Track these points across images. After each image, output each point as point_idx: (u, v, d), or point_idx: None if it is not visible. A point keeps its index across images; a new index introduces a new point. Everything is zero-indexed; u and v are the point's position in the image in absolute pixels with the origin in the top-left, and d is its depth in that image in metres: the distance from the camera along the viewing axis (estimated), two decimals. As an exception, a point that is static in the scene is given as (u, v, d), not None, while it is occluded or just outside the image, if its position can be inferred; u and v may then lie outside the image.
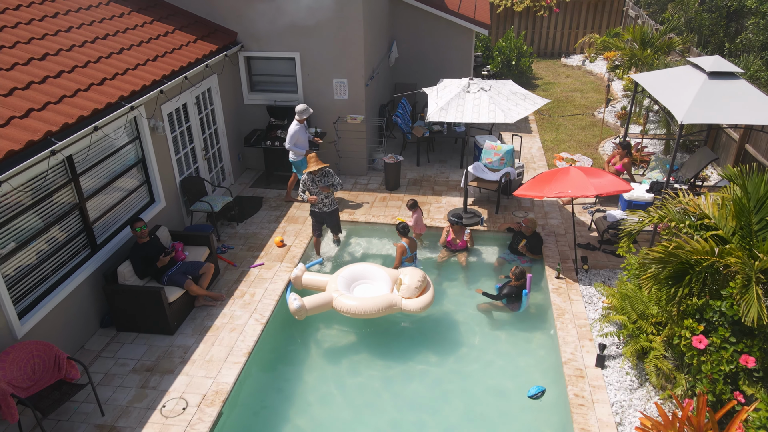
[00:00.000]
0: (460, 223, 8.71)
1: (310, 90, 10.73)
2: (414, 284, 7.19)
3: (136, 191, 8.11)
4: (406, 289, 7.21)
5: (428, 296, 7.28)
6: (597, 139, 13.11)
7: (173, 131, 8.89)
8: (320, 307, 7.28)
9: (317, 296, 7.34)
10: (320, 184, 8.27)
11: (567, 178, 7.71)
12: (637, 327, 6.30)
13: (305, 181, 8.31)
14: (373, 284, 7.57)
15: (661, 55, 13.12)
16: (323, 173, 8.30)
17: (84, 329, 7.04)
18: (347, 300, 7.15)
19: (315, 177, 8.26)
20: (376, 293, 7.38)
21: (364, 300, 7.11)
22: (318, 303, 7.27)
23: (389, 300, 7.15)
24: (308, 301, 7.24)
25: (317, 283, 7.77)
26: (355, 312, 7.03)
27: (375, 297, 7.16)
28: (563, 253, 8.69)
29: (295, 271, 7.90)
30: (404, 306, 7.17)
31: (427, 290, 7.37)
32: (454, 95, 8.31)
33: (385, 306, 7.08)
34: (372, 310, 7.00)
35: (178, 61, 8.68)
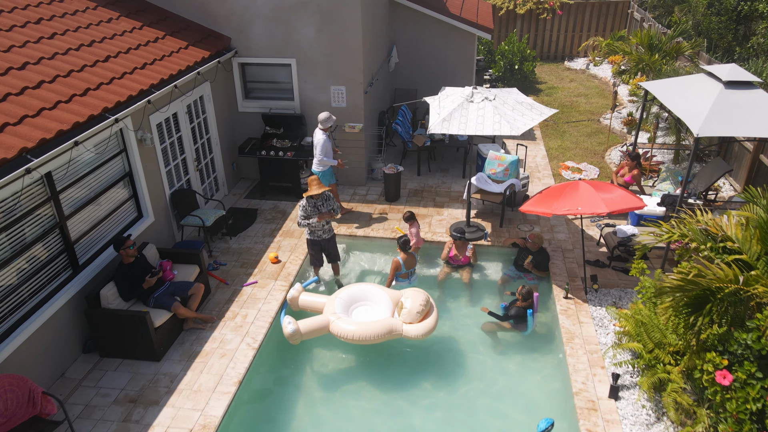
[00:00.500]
0: (462, 238, 8.31)
1: (307, 97, 10.33)
2: (416, 308, 6.79)
3: (123, 206, 7.70)
4: (407, 313, 6.81)
5: (431, 322, 6.86)
6: (603, 146, 12.71)
7: (163, 142, 8.48)
8: (316, 331, 6.88)
9: (313, 320, 6.94)
10: (322, 209, 7.79)
11: (576, 193, 7.31)
12: (653, 356, 5.90)
13: (305, 206, 7.74)
14: (372, 307, 7.16)
15: (670, 60, 12.72)
16: (324, 197, 7.82)
17: (64, 356, 6.63)
18: (345, 324, 6.74)
19: (317, 201, 7.75)
20: (375, 317, 6.97)
21: (363, 325, 6.70)
22: (314, 327, 6.87)
23: (389, 325, 6.74)
24: (303, 325, 6.84)
25: (314, 304, 7.36)
26: (353, 338, 6.63)
27: (374, 322, 6.75)
28: (571, 271, 8.29)
29: (291, 292, 7.49)
30: (405, 332, 6.76)
31: (430, 314, 6.95)
32: (456, 105, 7.91)
33: (385, 332, 6.67)
34: (370, 336, 6.60)
35: (168, 69, 8.27)
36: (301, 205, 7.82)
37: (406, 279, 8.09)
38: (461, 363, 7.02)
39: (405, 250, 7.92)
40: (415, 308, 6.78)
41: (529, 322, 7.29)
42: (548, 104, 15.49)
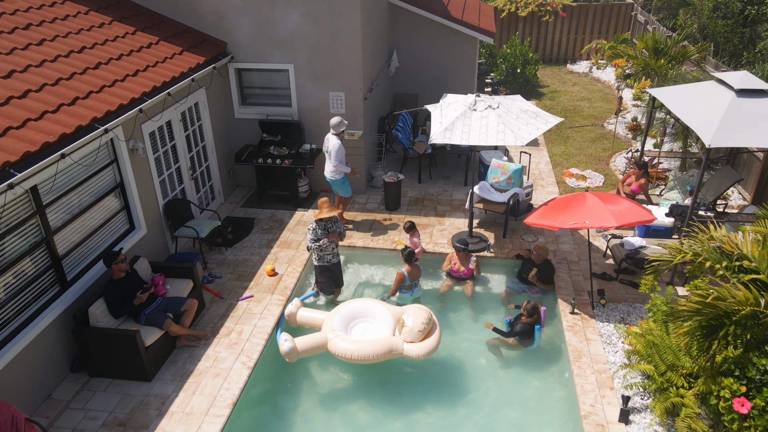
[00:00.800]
0: (466, 249, 8.05)
1: (305, 104, 10.07)
2: (417, 327, 6.53)
3: (114, 218, 7.44)
4: (408, 332, 6.54)
5: (433, 341, 6.59)
6: (608, 152, 12.45)
7: (156, 151, 8.23)
8: (314, 349, 6.62)
9: (310, 337, 6.68)
10: (332, 230, 7.55)
11: (583, 206, 7.05)
12: (666, 379, 5.64)
13: (315, 229, 7.52)
14: (373, 324, 6.90)
15: (675, 64, 12.46)
16: (333, 219, 7.61)
17: (52, 376, 6.37)
18: (343, 343, 6.48)
19: (327, 224, 7.51)
20: (375, 335, 6.71)
21: (362, 344, 6.44)
22: (311, 345, 6.61)
23: (389, 344, 6.48)
24: (301, 343, 6.58)
25: (313, 320, 7.10)
26: (351, 357, 6.36)
27: (373, 341, 6.49)
28: (577, 284, 8.03)
29: (289, 307, 7.24)
30: (405, 351, 6.49)
31: (432, 333, 6.67)
32: (459, 114, 7.65)
33: (385, 351, 6.41)
34: (369, 355, 6.34)
35: (161, 76, 8.02)
36: (310, 228, 7.58)
37: (410, 291, 7.84)
38: (463, 382, 6.76)
39: (410, 261, 7.66)
40: (416, 327, 6.52)
41: (536, 338, 7.05)
42: (551, 108, 15.25)
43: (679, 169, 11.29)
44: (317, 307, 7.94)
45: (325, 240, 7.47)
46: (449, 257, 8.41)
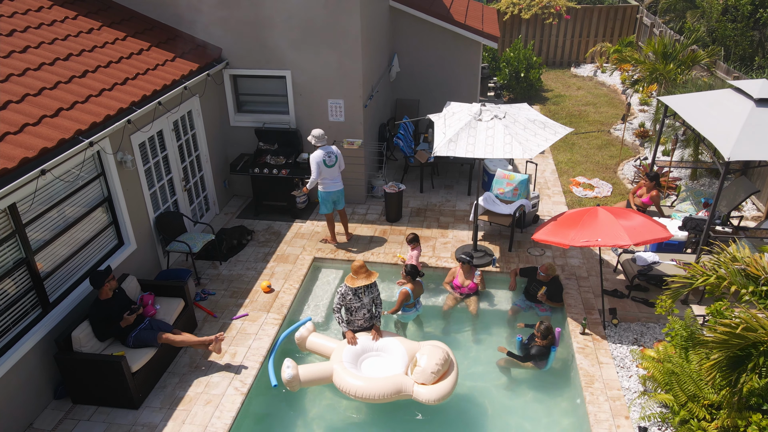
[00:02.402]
0: (470, 262, 7.67)
1: (303, 111, 9.72)
2: (431, 368, 5.91)
3: (101, 234, 7.09)
4: (420, 372, 5.93)
5: (447, 385, 5.93)
6: (615, 160, 12.09)
7: (146, 163, 7.87)
8: (318, 380, 6.16)
9: (316, 367, 6.22)
10: (365, 297, 6.55)
11: (595, 222, 6.69)
12: (687, 411, 5.27)
13: (345, 294, 6.50)
14: (386, 359, 6.35)
15: (685, 69, 12.09)
16: (372, 288, 6.60)
17: (33, 404, 6.01)
18: (349, 378, 5.99)
19: (358, 289, 6.51)
20: (386, 372, 6.17)
21: (369, 381, 5.91)
22: (316, 375, 6.15)
23: (398, 384, 5.93)
24: (304, 371, 6.14)
25: (323, 348, 6.61)
26: (356, 394, 5.85)
27: (382, 379, 5.95)
28: (587, 302, 7.66)
29: (301, 331, 6.75)
30: (415, 394, 5.91)
31: (448, 375, 6.03)
32: (464, 124, 7.29)
33: (393, 391, 5.87)
34: (375, 394, 5.81)
35: (152, 84, 7.66)
36: (339, 291, 6.55)
37: (413, 309, 7.48)
38: (468, 409, 6.38)
39: (414, 278, 7.30)
40: (430, 368, 5.90)
41: (551, 359, 6.70)
42: (555, 114, 14.89)
43: (690, 178, 10.92)
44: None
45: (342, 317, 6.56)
46: (452, 271, 8.05)
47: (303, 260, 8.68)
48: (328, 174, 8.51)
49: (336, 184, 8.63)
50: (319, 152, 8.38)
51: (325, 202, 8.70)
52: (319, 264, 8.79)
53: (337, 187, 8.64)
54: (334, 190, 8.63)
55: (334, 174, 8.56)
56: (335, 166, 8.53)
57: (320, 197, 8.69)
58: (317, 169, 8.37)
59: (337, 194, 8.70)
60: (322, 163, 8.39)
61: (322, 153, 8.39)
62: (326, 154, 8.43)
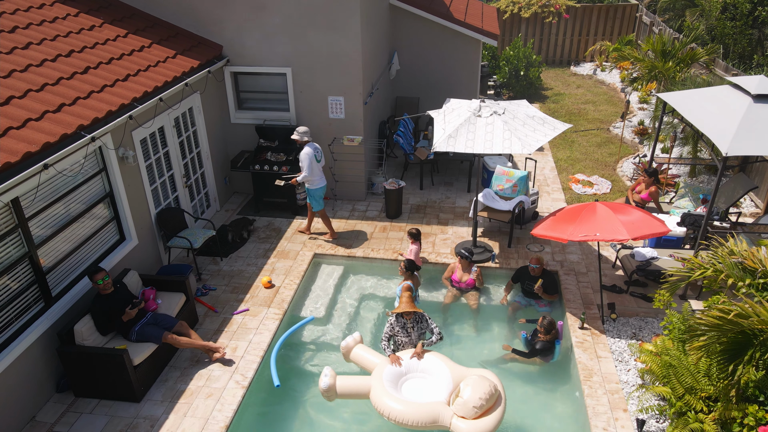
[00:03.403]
0: (470, 258, 7.71)
1: (303, 108, 9.76)
2: (473, 402, 5.36)
3: (103, 230, 7.13)
4: (461, 405, 5.42)
5: (490, 422, 5.37)
6: (614, 158, 12.13)
7: (147, 159, 7.91)
8: (354, 394, 5.85)
9: (354, 380, 5.92)
10: (413, 332, 6.24)
11: (593, 217, 6.73)
12: (684, 403, 5.32)
13: (393, 325, 6.29)
14: (428, 382, 5.88)
15: (684, 67, 12.14)
16: (417, 318, 6.30)
17: (35, 397, 6.05)
18: (386, 399, 5.60)
19: (407, 322, 6.26)
20: (426, 397, 5.72)
21: (405, 405, 5.52)
22: (353, 389, 5.84)
23: (436, 413, 5.49)
24: (342, 383, 5.83)
25: (366, 362, 6.21)
26: (389, 416, 5.51)
27: (419, 405, 5.55)
28: (586, 297, 7.71)
29: (347, 340, 6.37)
30: (453, 427, 5.43)
31: (493, 411, 5.46)
32: (463, 120, 7.34)
33: (429, 420, 5.46)
34: (410, 420, 5.42)
35: (153, 81, 7.71)
36: (389, 320, 6.39)
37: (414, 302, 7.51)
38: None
39: (413, 272, 7.34)
40: (472, 401, 5.37)
41: (556, 352, 6.76)
42: (555, 112, 14.93)
43: (689, 175, 10.97)
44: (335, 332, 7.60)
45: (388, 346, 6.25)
46: (451, 266, 8.09)
47: (303, 256, 8.73)
48: (318, 170, 8.58)
49: (323, 179, 8.73)
50: (308, 148, 8.43)
51: (318, 198, 8.77)
52: (320, 260, 8.83)
53: (323, 182, 8.75)
54: (323, 185, 8.74)
55: (320, 170, 8.65)
56: (322, 160, 8.63)
57: (311, 195, 8.74)
58: (310, 165, 8.42)
59: (324, 189, 8.79)
60: (314, 159, 8.45)
61: (312, 149, 8.45)
62: (316, 149, 8.52)
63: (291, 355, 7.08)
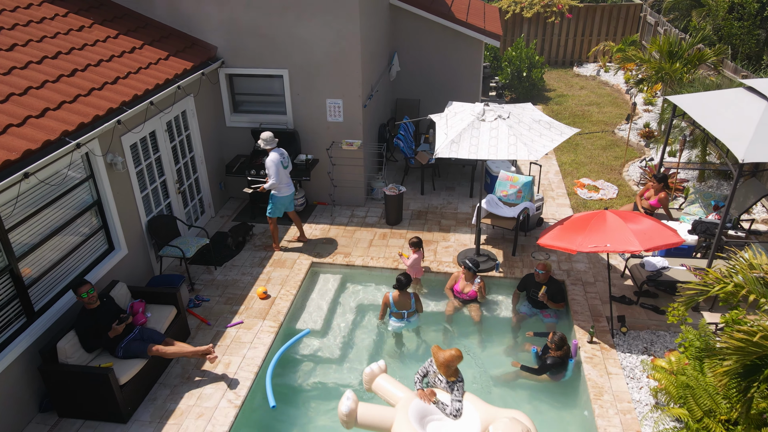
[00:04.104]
0: (474, 269, 7.40)
1: (301, 111, 9.46)
2: None
3: (90, 239, 6.83)
4: None
5: None
6: (620, 161, 11.83)
7: (138, 165, 7.61)
8: (375, 425, 5.42)
9: (377, 409, 5.51)
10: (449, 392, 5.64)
11: (603, 226, 6.42)
12: (702, 426, 5.01)
13: (434, 373, 5.78)
14: (456, 424, 5.42)
15: (691, 68, 11.84)
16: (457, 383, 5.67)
17: (17, 418, 5.75)
18: None
19: (453, 384, 5.64)
20: None
21: None
22: (374, 419, 5.42)
23: None
24: (364, 410, 5.44)
25: (390, 395, 5.72)
26: None
27: None
28: (594, 308, 7.40)
29: (372, 367, 5.88)
30: None
31: None
32: (466, 125, 7.03)
33: None
34: None
35: (144, 84, 7.41)
36: (430, 360, 5.88)
37: (401, 320, 7.18)
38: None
39: (400, 288, 7.03)
40: None
41: (569, 370, 6.45)
42: (558, 114, 14.64)
43: (698, 180, 10.66)
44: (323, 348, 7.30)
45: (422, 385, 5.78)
46: (454, 276, 7.78)
47: (300, 265, 8.42)
48: (284, 176, 8.29)
49: (290, 186, 8.41)
50: (274, 155, 8.13)
51: (278, 206, 8.47)
52: (317, 269, 8.53)
53: (290, 191, 8.43)
54: (289, 193, 8.42)
55: (287, 176, 8.35)
56: (289, 167, 8.32)
57: (273, 201, 8.44)
58: (276, 172, 8.14)
59: (290, 198, 8.48)
60: (280, 165, 8.16)
61: (278, 155, 8.15)
62: (282, 155, 8.21)
63: (287, 371, 6.77)
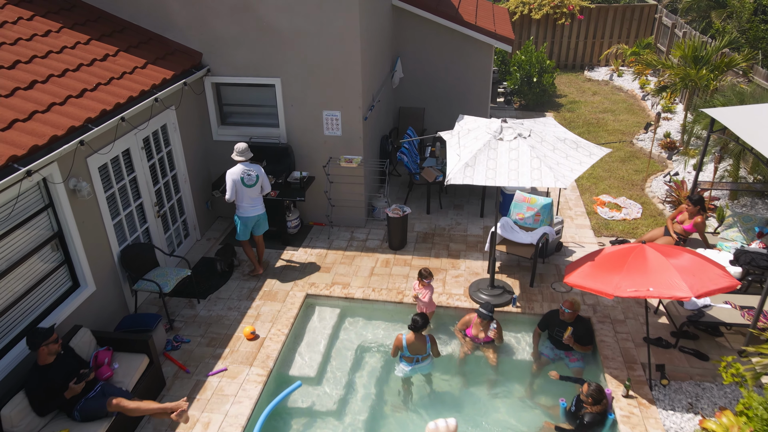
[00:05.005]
0: (488, 317, 6.50)
1: (295, 124, 8.57)
2: None
3: (50, 277, 5.93)
4: None
5: None
6: (642, 175, 10.93)
7: (109, 189, 6.72)
8: None
9: None
10: None
11: (644, 265, 5.51)
12: None
13: None
14: None
15: (718, 74, 10.95)
16: None
17: (-47, 498, 4.86)
18: None
19: None
20: None
21: None
22: None
23: None
24: None
25: None
26: None
27: None
28: (627, 353, 6.51)
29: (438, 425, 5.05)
30: None
31: None
32: (482, 145, 6.13)
33: None
34: None
35: (115, 96, 6.51)
36: None
37: (411, 363, 6.32)
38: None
39: (415, 330, 6.16)
40: None
41: (607, 426, 5.58)
42: (571, 122, 13.74)
43: (729, 198, 9.76)
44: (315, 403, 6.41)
45: None
46: (465, 320, 6.87)
47: (294, 298, 7.53)
48: (247, 195, 7.44)
49: (255, 207, 7.56)
50: (237, 168, 7.32)
51: (242, 228, 7.65)
52: (313, 301, 7.64)
53: (255, 212, 7.58)
54: (251, 215, 7.58)
55: (253, 195, 7.48)
56: (255, 187, 7.44)
57: (237, 221, 7.63)
58: (232, 188, 7.34)
59: (254, 219, 7.63)
60: (239, 182, 7.33)
61: (240, 169, 7.32)
62: (245, 172, 7.34)
63: (276, 429, 5.88)
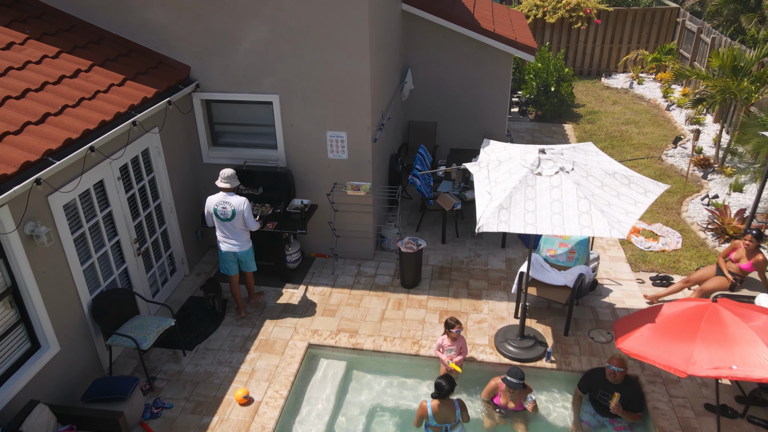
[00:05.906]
0: (519, 386, 5.51)
1: (295, 146, 7.60)
2: None
3: (2, 341, 4.95)
4: None
5: None
6: (676, 197, 9.94)
7: (77, 229, 5.74)
8: None
9: None
10: None
11: (723, 332, 4.51)
12: None
13: None
14: None
15: (760, 86, 9.97)
16: None
17: None
18: None
19: None
20: None
21: None
22: None
23: None
24: None
25: None
26: None
27: None
28: (685, 423, 5.53)
29: None
30: None
31: None
32: (517, 182, 5.14)
33: None
34: None
35: (83, 121, 5.54)
36: None
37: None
38: None
39: (440, 396, 5.19)
40: None
41: None
42: (592, 135, 12.77)
43: (776, 226, 8.76)
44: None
45: None
46: (492, 386, 5.85)
47: (294, 349, 6.56)
48: (222, 229, 6.58)
49: (232, 243, 6.65)
50: (215, 196, 6.52)
51: (221, 262, 6.83)
52: (316, 352, 6.67)
53: (230, 248, 6.67)
54: (227, 250, 6.69)
55: (231, 230, 6.58)
56: (232, 222, 6.50)
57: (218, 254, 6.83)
58: (208, 217, 6.60)
59: (230, 256, 6.75)
60: (212, 214, 6.50)
61: (217, 199, 6.47)
62: (221, 203, 6.45)
63: None
